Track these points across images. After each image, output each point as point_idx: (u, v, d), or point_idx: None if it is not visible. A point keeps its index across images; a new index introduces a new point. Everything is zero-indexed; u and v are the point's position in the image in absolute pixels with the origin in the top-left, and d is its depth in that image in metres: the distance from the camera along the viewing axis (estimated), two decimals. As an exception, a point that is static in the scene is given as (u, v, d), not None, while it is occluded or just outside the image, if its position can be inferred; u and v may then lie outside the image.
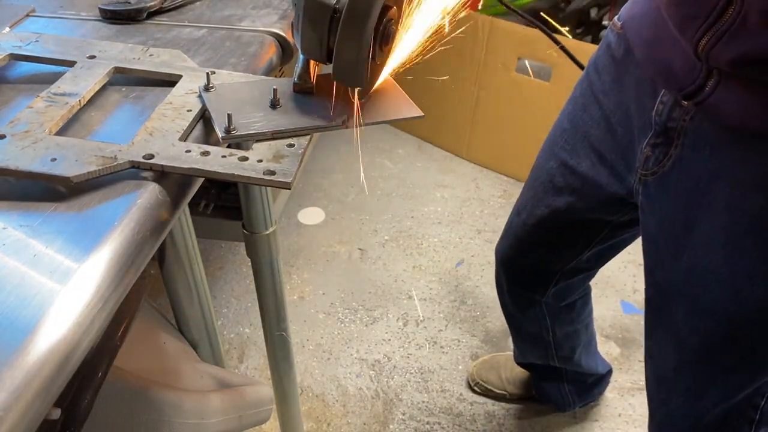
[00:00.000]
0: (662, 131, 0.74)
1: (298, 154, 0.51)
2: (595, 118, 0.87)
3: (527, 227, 1.04)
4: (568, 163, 0.93)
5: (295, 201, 2.12)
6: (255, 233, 0.96)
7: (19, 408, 0.32)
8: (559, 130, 0.95)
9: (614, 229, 0.97)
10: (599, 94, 0.86)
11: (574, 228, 0.99)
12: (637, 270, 1.86)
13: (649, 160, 0.77)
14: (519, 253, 1.11)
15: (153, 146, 0.49)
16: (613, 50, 0.82)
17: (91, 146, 0.48)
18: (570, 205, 0.95)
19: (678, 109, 0.71)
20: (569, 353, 1.29)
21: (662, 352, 0.87)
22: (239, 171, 0.48)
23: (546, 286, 1.12)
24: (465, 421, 1.46)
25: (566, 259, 1.06)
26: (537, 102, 2.06)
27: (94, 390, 0.60)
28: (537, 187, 1.01)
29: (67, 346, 0.36)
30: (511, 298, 1.22)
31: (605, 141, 0.86)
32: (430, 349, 1.63)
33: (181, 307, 0.87)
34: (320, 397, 1.50)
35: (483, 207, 2.14)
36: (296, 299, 1.76)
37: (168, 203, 0.47)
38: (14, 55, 0.61)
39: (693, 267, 0.76)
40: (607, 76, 0.84)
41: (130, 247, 0.42)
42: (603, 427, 1.46)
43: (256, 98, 0.56)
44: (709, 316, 0.77)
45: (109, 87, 0.60)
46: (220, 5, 0.79)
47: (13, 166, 0.45)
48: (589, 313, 1.29)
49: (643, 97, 0.76)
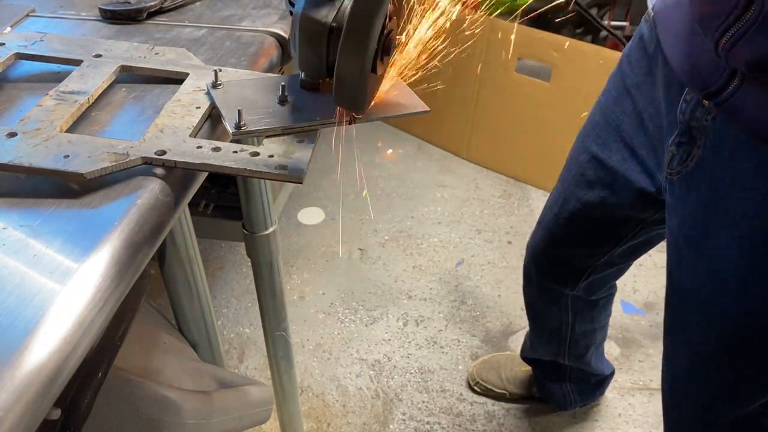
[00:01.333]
0: (686, 130, 0.72)
1: (309, 148, 0.52)
2: (627, 111, 0.85)
3: (560, 221, 1.03)
4: (599, 156, 0.91)
5: (295, 201, 2.12)
6: (255, 233, 0.96)
7: (19, 408, 0.32)
8: (591, 123, 0.94)
9: (647, 226, 0.96)
10: (632, 88, 0.84)
11: (607, 223, 0.98)
12: (637, 270, 1.86)
13: (674, 159, 0.75)
14: (551, 247, 1.10)
15: (164, 143, 0.50)
16: (645, 42, 0.80)
17: (103, 143, 0.49)
18: (602, 200, 0.94)
19: (700, 108, 0.69)
20: (583, 351, 1.29)
21: (676, 355, 0.86)
22: (251, 166, 0.48)
23: (578, 279, 1.11)
24: (465, 421, 1.46)
25: (599, 254, 1.05)
26: (537, 102, 2.06)
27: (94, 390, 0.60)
28: (569, 180, 1.00)
29: (67, 346, 0.36)
30: (539, 290, 1.21)
31: (637, 136, 0.84)
32: (430, 349, 1.63)
33: (181, 307, 0.87)
34: (320, 397, 1.50)
35: (483, 207, 2.14)
36: (296, 299, 1.76)
37: (168, 203, 0.47)
38: (20, 54, 0.61)
39: (709, 274, 0.75)
40: (640, 69, 0.82)
41: (130, 247, 0.42)
42: (603, 427, 1.46)
43: (263, 95, 0.56)
44: (722, 324, 0.76)
45: (115, 85, 0.60)
46: (220, 5, 0.79)
47: (26, 163, 0.46)
48: (609, 314, 1.29)
49: (672, 92, 0.75)
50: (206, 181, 0.56)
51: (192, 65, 0.61)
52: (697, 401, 0.85)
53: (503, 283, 1.83)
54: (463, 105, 2.27)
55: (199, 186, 0.54)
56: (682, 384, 0.87)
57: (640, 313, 1.74)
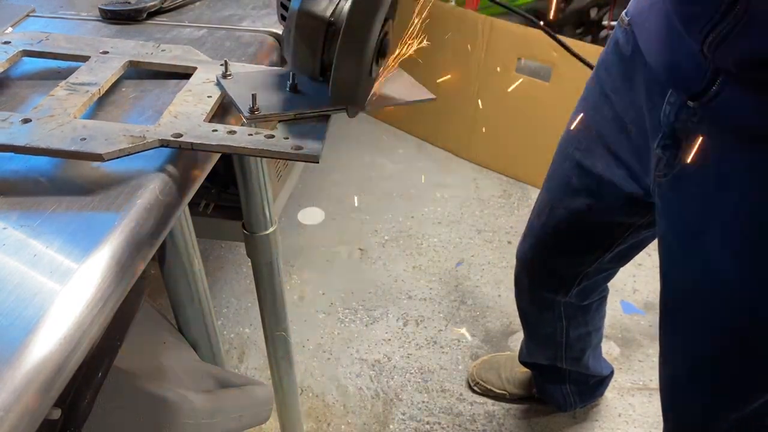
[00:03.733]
0: (670, 133, 0.72)
1: (323, 131, 0.52)
2: (607, 118, 0.85)
3: (547, 229, 1.03)
4: (583, 164, 0.91)
5: (295, 201, 2.12)
6: (255, 233, 0.96)
7: (19, 408, 0.32)
8: (573, 131, 0.93)
9: (636, 230, 0.95)
10: (610, 93, 0.83)
11: (595, 230, 0.97)
12: (636, 270, 1.86)
13: (661, 162, 0.75)
14: (541, 256, 1.09)
15: (179, 127, 0.50)
16: (621, 48, 0.80)
17: (119, 127, 0.49)
18: (588, 207, 0.93)
19: (685, 110, 0.69)
20: (579, 355, 1.29)
21: (675, 357, 0.86)
22: (268, 147, 0.49)
23: (569, 287, 1.11)
24: (465, 421, 1.46)
25: (589, 261, 1.04)
26: (537, 102, 2.06)
27: (94, 390, 0.60)
28: (554, 188, 0.99)
29: (67, 346, 0.36)
30: (531, 299, 1.20)
31: (619, 141, 0.84)
32: (430, 349, 1.63)
33: (181, 307, 0.87)
34: (320, 397, 1.50)
35: (483, 207, 2.14)
36: (296, 299, 1.76)
37: (168, 203, 0.47)
38: (27, 51, 0.61)
39: (704, 274, 0.74)
40: (617, 75, 0.82)
41: (130, 247, 0.42)
42: (603, 427, 1.46)
43: (273, 84, 0.57)
44: (720, 324, 0.75)
45: (123, 81, 0.61)
46: (220, 5, 0.79)
47: (44, 145, 0.46)
48: (603, 316, 1.29)
49: (653, 96, 0.74)
50: (206, 181, 0.57)
51: (199, 60, 0.62)
52: (697, 402, 0.85)
53: (503, 283, 1.82)
54: (463, 105, 2.27)
55: (199, 186, 0.54)
56: (683, 386, 0.87)
57: (640, 313, 1.74)
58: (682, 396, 0.88)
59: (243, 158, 0.87)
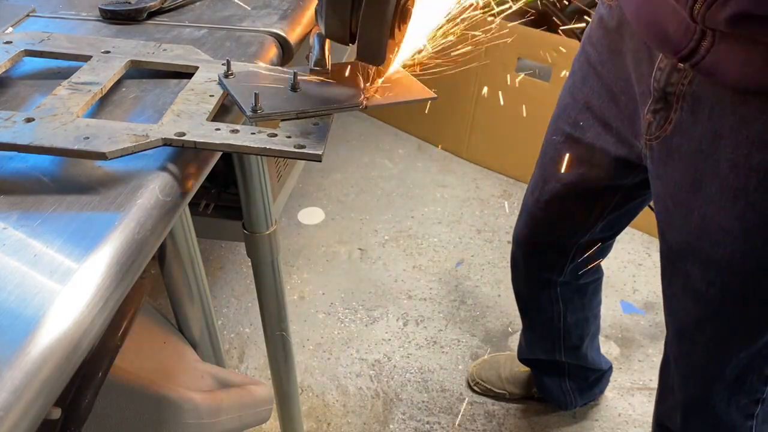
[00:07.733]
0: (661, 97, 0.74)
1: (325, 129, 0.53)
2: (595, 89, 0.88)
3: (540, 204, 1.05)
4: (573, 135, 0.93)
5: (295, 201, 2.12)
6: (255, 233, 0.96)
7: (20, 408, 0.32)
8: (561, 106, 0.96)
9: (626, 194, 0.97)
10: (597, 66, 0.87)
11: (587, 198, 0.99)
12: (636, 270, 1.86)
13: (652, 125, 0.78)
14: (534, 232, 1.11)
15: (182, 126, 0.50)
16: (605, 22, 0.83)
17: (122, 126, 0.49)
18: (581, 176, 0.96)
19: (676, 73, 0.72)
20: (578, 343, 1.30)
21: (681, 307, 0.88)
22: (270, 145, 0.50)
23: (563, 263, 1.13)
24: (465, 420, 1.46)
25: (581, 232, 1.06)
26: (537, 102, 2.06)
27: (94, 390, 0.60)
28: (546, 163, 1.01)
29: (67, 346, 0.36)
30: (527, 279, 1.22)
31: (608, 109, 0.87)
32: (430, 349, 1.63)
33: (181, 307, 0.87)
34: (320, 397, 1.50)
35: (483, 207, 2.14)
36: (296, 299, 1.76)
37: (168, 203, 0.48)
38: (29, 51, 0.61)
39: (704, 224, 0.77)
40: (603, 47, 0.85)
41: (130, 247, 0.42)
42: (603, 426, 1.46)
43: (275, 84, 0.58)
44: (724, 270, 0.78)
45: (125, 80, 0.61)
46: (220, 5, 0.79)
47: (47, 144, 0.46)
48: (599, 302, 1.30)
49: (641, 64, 0.77)
50: (206, 181, 0.57)
51: (201, 60, 0.62)
52: (709, 345, 0.87)
53: (503, 283, 1.82)
54: (463, 105, 2.27)
55: (200, 186, 0.54)
56: (692, 333, 0.88)
57: (640, 313, 1.74)
58: (692, 342, 0.89)
59: (243, 158, 0.87)
